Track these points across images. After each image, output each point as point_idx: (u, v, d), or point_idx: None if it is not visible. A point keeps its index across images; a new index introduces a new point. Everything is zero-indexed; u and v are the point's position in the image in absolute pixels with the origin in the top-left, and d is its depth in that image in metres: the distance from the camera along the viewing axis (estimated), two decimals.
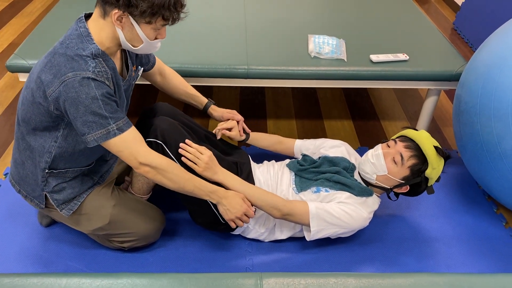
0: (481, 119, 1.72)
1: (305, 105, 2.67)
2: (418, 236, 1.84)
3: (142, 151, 1.38)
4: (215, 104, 1.89)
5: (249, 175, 1.72)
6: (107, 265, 1.66)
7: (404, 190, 1.68)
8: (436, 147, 1.61)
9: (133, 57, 1.56)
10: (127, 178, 1.80)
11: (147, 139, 1.56)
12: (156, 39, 1.38)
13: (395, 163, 1.63)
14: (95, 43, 1.34)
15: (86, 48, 1.32)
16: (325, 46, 2.19)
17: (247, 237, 1.76)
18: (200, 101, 1.87)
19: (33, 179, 1.51)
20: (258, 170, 1.78)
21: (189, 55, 2.12)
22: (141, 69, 1.57)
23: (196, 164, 1.55)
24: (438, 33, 2.44)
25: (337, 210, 1.59)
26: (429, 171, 1.62)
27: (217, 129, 1.84)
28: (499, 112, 1.64)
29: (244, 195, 1.56)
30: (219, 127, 1.84)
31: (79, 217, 1.58)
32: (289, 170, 1.77)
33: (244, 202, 1.54)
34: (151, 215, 1.66)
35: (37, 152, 1.45)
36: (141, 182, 1.71)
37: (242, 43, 2.25)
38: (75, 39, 1.33)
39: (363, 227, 1.66)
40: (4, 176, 2.06)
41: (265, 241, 1.77)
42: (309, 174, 1.72)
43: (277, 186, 1.72)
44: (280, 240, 1.77)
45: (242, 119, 1.89)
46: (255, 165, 1.81)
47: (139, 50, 1.40)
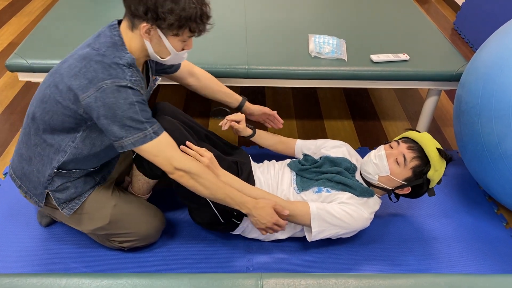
0: (482, 120, 1.71)
1: (305, 105, 2.67)
2: (418, 236, 1.84)
3: (177, 156, 1.41)
4: (248, 100, 1.93)
5: (249, 175, 1.71)
6: (107, 265, 1.66)
7: (405, 191, 1.68)
8: (439, 149, 1.62)
9: (153, 67, 1.59)
10: (127, 177, 1.80)
11: None
12: (183, 50, 1.42)
13: (397, 164, 1.63)
14: (129, 52, 1.37)
15: (122, 57, 1.35)
16: (325, 46, 2.19)
17: (247, 237, 1.76)
18: (235, 98, 1.91)
19: (37, 176, 1.50)
20: (258, 170, 1.78)
21: (190, 54, 2.12)
22: (159, 79, 1.60)
23: None
24: (438, 33, 2.44)
25: (338, 210, 1.59)
26: (431, 173, 1.62)
27: (225, 120, 1.82)
28: (500, 112, 1.63)
29: (274, 202, 1.55)
30: (228, 118, 1.83)
31: (80, 216, 1.58)
32: (289, 169, 1.77)
33: (274, 212, 1.53)
34: (152, 216, 1.66)
35: (52, 149, 1.44)
36: (141, 182, 1.70)
37: (242, 43, 2.25)
38: (111, 48, 1.35)
39: (364, 227, 1.66)
40: (3, 175, 2.05)
41: (265, 241, 1.77)
42: (311, 174, 1.72)
43: (278, 186, 1.72)
44: (280, 240, 1.77)
45: (275, 112, 1.95)
46: (255, 165, 1.80)
47: (167, 61, 1.44)
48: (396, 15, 2.62)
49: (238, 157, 1.79)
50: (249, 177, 1.70)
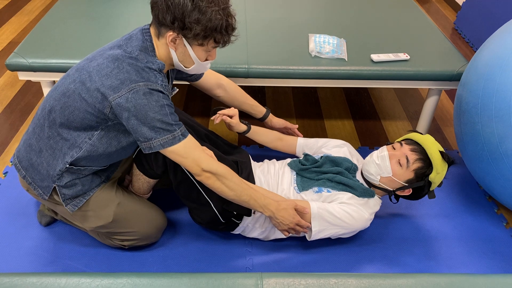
0: (482, 119, 1.71)
1: (306, 105, 2.67)
2: (418, 236, 1.84)
3: (204, 158, 1.43)
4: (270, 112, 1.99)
5: (249, 174, 1.71)
6: (106, 264, 1.66)
7: (406, 193, 1.68)
8: (441, 152, 1.62)
9: (172, 77, 1.61)
10: (127, 176, 1.80)
11: None
12: (206, 60, 1.45)
13: (400, 165, 1.63)
14: (158, 59, 1.41)
15: (154, 62, 1.39)
16: (325, 45, 2.19)
17: (248, 236, 1.76)
18: (259, 110, 1.96)
19: (46, 169, 1.50)
20: (258, 169, 1.78)
21: None
22: (176, 90, 1.63)
23: None
24: (439, 32, 2.44)
25: (339, 210, 1.59)
26: (433, 176, 1.62)
27: (217, 114, 1.83)
28: (500, 112, 1.63)
29: (294, 202, 1.57)
30: (220, 113, 1.84)
31: (83, 213, 1.58)
32: (290, 169, 1.77)
33: (296, 213, 1.56)
34: (154, 215, 1.66)
35: (66, 144, 1.45)
36: (141, 181, 1.70)
37: (242, 42, 2.24)
38: (143, 52, 1.38)
39: (364, 228, 1.66)
40: (3, 175, 2.05)
41: (265, 240, 1.77)
42: (311, 173, 1.72)
43: (278, 185, 1.72)
44: (280, 239, 1.77)
45: (296, 126, 1.99)
46: (255, 164, 1.80)
47: (190, 70, 1.47)
48: (396, 14, 2.61)
49: (238, 156, 1.79)
50: (249, 177, 1.70)
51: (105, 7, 2.50)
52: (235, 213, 1.63)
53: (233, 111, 1.84)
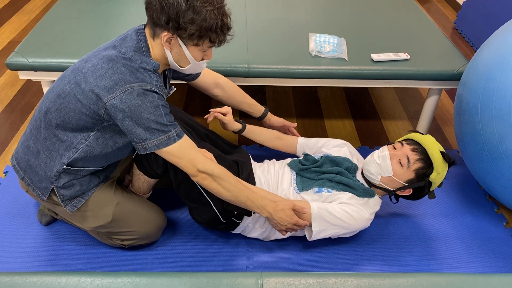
0: (483, 119, 1.71)
1: (306, 104, 2.67)
2: (418, 236, 1.84)
3: (200, 158, 1.43)
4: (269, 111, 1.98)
5: (249, 174, 1.71)
6: (107, 264, 1.66)
7: (406, 193, 1.68)
8: (442, 153, 1.62)
9: (169, 77, 1.61)
10: (127, 176, 1.80)
11: None
12: (202, 60, 1.44)
13: (401, 165, 1.63)
14: (153, 59, 1.40)
15: (149, 62, 1.38)
16: (326, 45, 2.19)
17: (248, 236, 1.76)
18: (258, 109, 1.96)
19: (44, 171, 1.50)
20: (258, 169, 1.78)
21: None
22: (174, 89, 1.63)
23: None
24: (439, 32, 2.43)
25: (339, 210, 1.59)
26: (434, 176, 1.62)
27: (210, 111, 1.84)
28: (501, 112, 1.63)
29: (292, 203, 1.57)
30: (212, 110, 1.84)
31: (82, 214, 1.58)
32: (290, 169, 1.77)
33: (293, 213, 1.56)
34: (153, 215, 1.66)
35: (63, 145, 1.45)
36: (141, 181, 1.70)
37: (243, 42, 2.24)
38: (137, 53, 1.38)
39: (365, 228, 1.66)
40: (4, 174, 2.05)
41: (265, 240, 1.77)
42: (311, 174, 1.72)
43: (278, 185, 1.72)
44: (280, 239, 1.77)
45: (295, 125, 1.97)
46: (255, 164, 1.80)
47: (186, 70, 1.46)
48: (396, 14, 2.61)
49: (238, 156, 1.79)
50: (250, 177, 1.70)
51: (105, 7, 2.50)
52: (235, 213, 1.63)
53: (226, 109, 1.84)
